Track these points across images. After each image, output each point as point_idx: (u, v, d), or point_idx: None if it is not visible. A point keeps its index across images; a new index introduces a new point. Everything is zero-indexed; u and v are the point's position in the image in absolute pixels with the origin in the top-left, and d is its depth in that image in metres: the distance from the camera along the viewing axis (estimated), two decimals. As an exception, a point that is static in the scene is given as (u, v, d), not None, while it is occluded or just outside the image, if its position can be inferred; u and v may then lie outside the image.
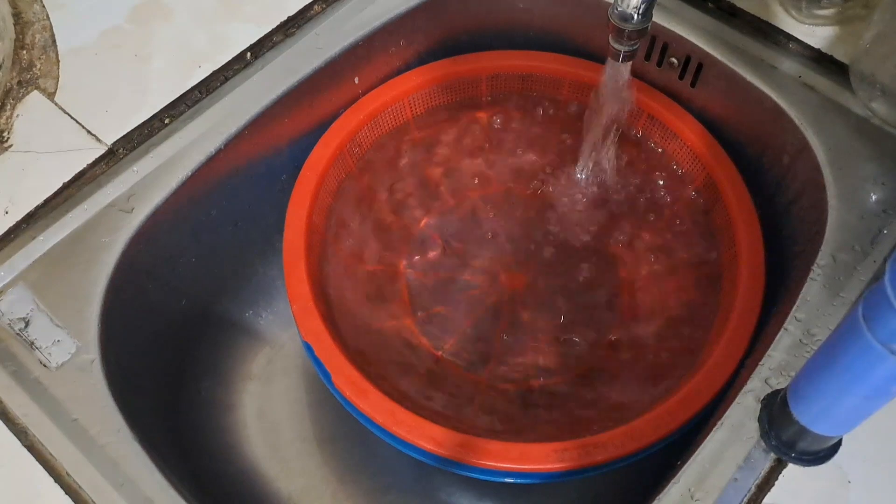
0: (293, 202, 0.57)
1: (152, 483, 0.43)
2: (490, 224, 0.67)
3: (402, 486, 0.63)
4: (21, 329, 0.46)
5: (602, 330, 0.61)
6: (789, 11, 0.58)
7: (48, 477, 0.42)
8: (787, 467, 0.41)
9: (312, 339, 0.51)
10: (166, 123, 0.54)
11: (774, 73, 0.56)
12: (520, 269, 0.65)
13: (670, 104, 0.62)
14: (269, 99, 0.56)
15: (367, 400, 0.48)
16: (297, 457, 0.63)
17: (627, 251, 0.64)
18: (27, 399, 0.45)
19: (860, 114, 0.54)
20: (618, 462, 0.46)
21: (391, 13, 0.61)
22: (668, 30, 0.59)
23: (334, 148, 0.60)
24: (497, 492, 0.62)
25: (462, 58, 0.65)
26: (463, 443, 0.46)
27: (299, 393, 0.66)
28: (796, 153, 0.55)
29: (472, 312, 0.63)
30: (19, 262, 0.48)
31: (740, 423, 0.42)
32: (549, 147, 0.68)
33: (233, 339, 0.67)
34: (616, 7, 0.48)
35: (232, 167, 0.57)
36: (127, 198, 0.51)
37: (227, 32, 0.58)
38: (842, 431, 0.37)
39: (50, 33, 0.57)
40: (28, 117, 0.53)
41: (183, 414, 0.61)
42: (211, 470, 0.59)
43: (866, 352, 0.28)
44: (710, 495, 0.40)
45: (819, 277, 0.47)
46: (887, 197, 0.50)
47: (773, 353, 0.44)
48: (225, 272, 0.64)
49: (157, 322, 0.57)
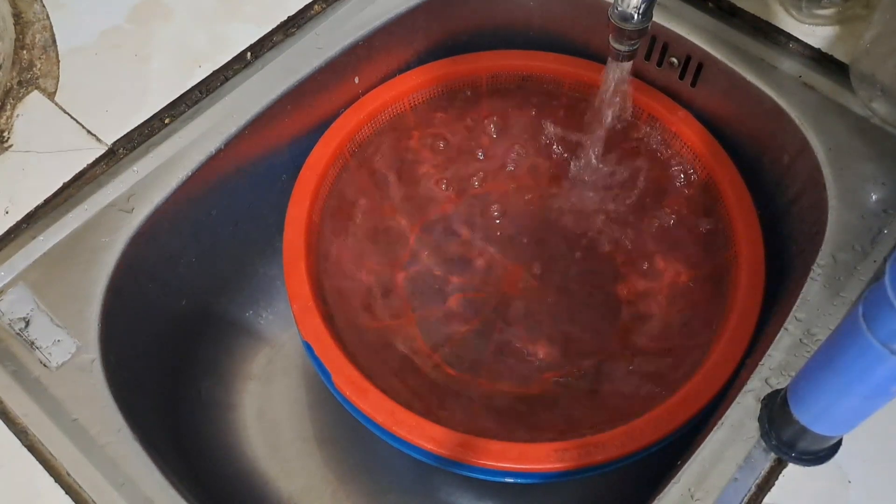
0: (293, 202, 0.57)
1: (152, 483, 0.43)
2: (490, 224, 0.67)
3: (402, 486, 0.63)
4: (21, 329, 0.46)
5: (601, 330, 0.61)
6: (789, 11, 0.58)
7: (48, 477, 0.42)
8: (787, 467, 0.41)
9: (312, 338, 0.51)
10: (166, 123, 0.54)
11: (774, 72, 0.56)
12: (520, 269, 0.65)
13: (670, 104, 0.62)
14: (269, 99, 0.56)
15: (367, 400, 0.48)
16: (297, 457, 0.63)
17: (627, 251, 0.64)
18: (27, 399, 0.45)
19: (860, 114, 0.54)
20: (618, 462, 0.46)
21: (391, 13, 0.61)
22: (669, 29, 0.59)
23: (334, 148, 0.60)
24: (497, 492, 0.62)
25: (462, 58, 0.65)
26: (463, 443, 0.46)
27: (299, 393, 0.66)
28: (796, 153, 0.55)
29: (471, 312, 0.63)
30: (19, 262, 0.48)
31: (740, 422, 0.42)
32: (549, 147, 0.68)
33: (233, 339, 0.67)
34: (616, 7, 0.49)
35: (232, 167, 0.57)
36: (127, 198, 0.51)
37: (227, 32, 0.58)
38: (842, 431, 0.37)
39: (50, 33, 0.57)
40: (28, 117, 0.53)
41: (183, 414, 0.61)
42: (211, 470, 0.59)
43: (866, 352, 0.28)
44: (710, 495, 0.40)
45: (819, 277, 0.47)
46: (887, 197, 0.50)
47: (774, 352, 0.44)
48: (225, 272, 0.64)
49: (157, 322, 0.57)
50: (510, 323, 0.62)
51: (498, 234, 0.66)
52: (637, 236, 0.64)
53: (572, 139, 0.67)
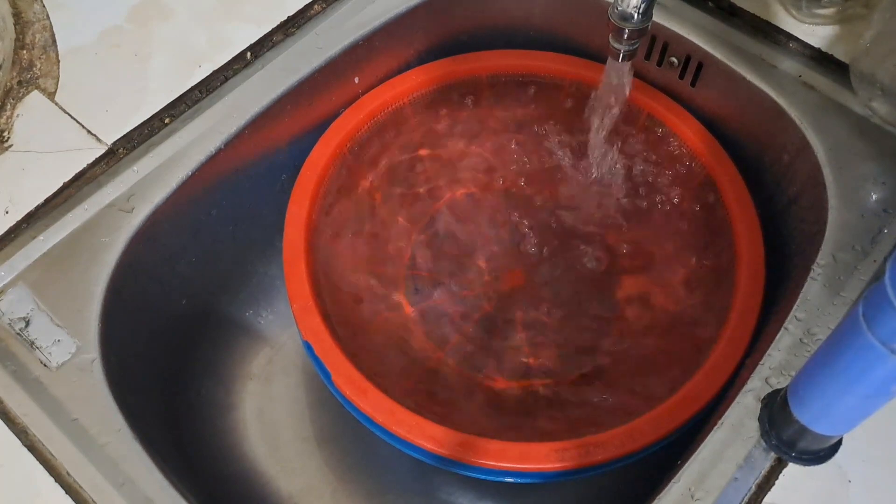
0: (293, 202, 0.57)
1: (152, 483, 0.43)
2: (491, 223, 0.67)
3: (402, 485, 0.63)
4: (21, 329, 0.47)
5: (602, 329, 0.61)
6: (789, 11, 0.58)
7: (48, 476, 0.42)
8: (788, 467, 0.41)
9: (312, 338, 0.51)
10: (166, 123, 0.54)
11: (774, 72, 0.56)
12: (521, 267, 0.65)
13: (670, 104, 0.62)
14: (269, 99, 0.56)
15: (367, 399, 0.48)
16: (297, 457, 0.63)
17: (627, 250, 0.64)
18: (27, 399, 0.45)
19: (860, 113, 0.54)
20: (618, 462, 0.46)
21: (391, 13, 0.61)
22: (668, 29, 0.59)
23: (334, 147, 0.60)
24: (497, 491, 0.62)
25: (462, 57, 0.65)
26: (463, 442, 0.46)
27: (299, 393, 0.66)
28: (796, 152, 0.55)
29: (473, 311, 0.63)
30: (19, 262, 0.48)
31: (740, 422, 0.42)
32: (550, 147, 0.68)
33: (233, 339, 0.67)
34: (616, 6, 0.49)
35: (232, 167, 0.57)
36: (127, 198, 0.51)
37: (227, 32, 0.58)
38: (842, 431, 0.37)
39: (50, 33, 0.57)
40: (28, 117, 0.53)
41: (183, 414, 0.61)
42: (211, 470, 0.59)
43: (866, 351, 0.28)
44: (710, 495, 0.40)
45: (819, 277, 0.47)
46: (887, 196, 0.50)
47: (774, 352, 0.44)
48: (225, 272, 0.64)
49: (157, 322, 0.57)
50: (511, 321, 0.62)
51: (499, 232, 0.66)
52: (637, 236, 0.64)
53: (572, 139, 0.67)
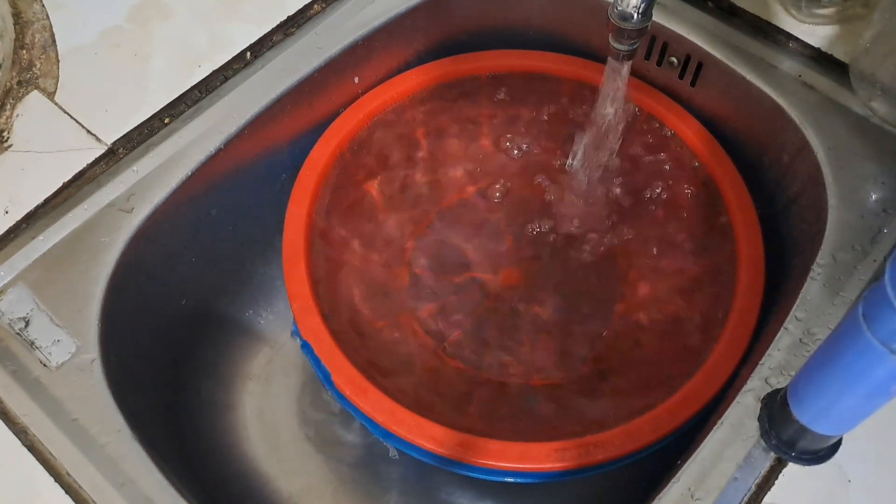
0: (293, 202, 0.57)
1: (152, 483, 0.43)
2: (491, 221, 0.67)
3: (402, 486, 0.63)
4: (21, 329, 0.46)
5: (603, 328, 0.61)
6: (789, 11, 0.58)
7: (48, 477, 0.42)
8: (787, 467, 0.41)
9: (312, 338, 0.51)
10: (166, 123, 0.54)
11: (774, 72, 0.56)
12: (521, 266, 0.65)
13: (670, 104, 0.62)
14: (269, 99, 0.56)
15: (367, 399, 0.48)
16: (297, 457, 0.63)
17: (627, 250, 0.64)
18: (27, 399, 0.45)
19: (860, 113, 0.54)
20: (618, 462, 0.46)
21: (391, 13, 0.61)
22: (668, 29, 0.59)
23: (334, 147, 0.60)
24: (497, 491, 0.62)
25: (462, 57, 0.65)
26: (463, 442, 0.46)
27: (299, 393, 0.66)
28: (796, 152, 0.55)
29: (473, 309, 0.63)
30: (19, 262, 0.48)
31: (740, 422, 0.42)
32: (550, 146, 0.68)
33: (233, 339, 0.67)
34: (616, 6, 0.49)
35: (232, 167, 0.57)
36: (127, 198, 0.51)
37: (227, 32, 0.58)
38: (842, 431, 0.37)
39: (50, 33, 0.57)
40: (28, 117, 0.53)
41: (183, 414, 0.61)
42: (211, 470, 0.59)
43: (866, 351, 0.28)
44: (710, 494, 0.40)
45: (819, 277, 0.47)
46: (887, 196, 0.50)
47: (773, 352, 0.44)
48: (225, 272, 0.64)
49: (157, 322, 0.57)
50: (512, 319, 0.62)
51: (499, 231, 0.66)
52: (636, 236, 0.64)
53: (572, 138, 0.67)
